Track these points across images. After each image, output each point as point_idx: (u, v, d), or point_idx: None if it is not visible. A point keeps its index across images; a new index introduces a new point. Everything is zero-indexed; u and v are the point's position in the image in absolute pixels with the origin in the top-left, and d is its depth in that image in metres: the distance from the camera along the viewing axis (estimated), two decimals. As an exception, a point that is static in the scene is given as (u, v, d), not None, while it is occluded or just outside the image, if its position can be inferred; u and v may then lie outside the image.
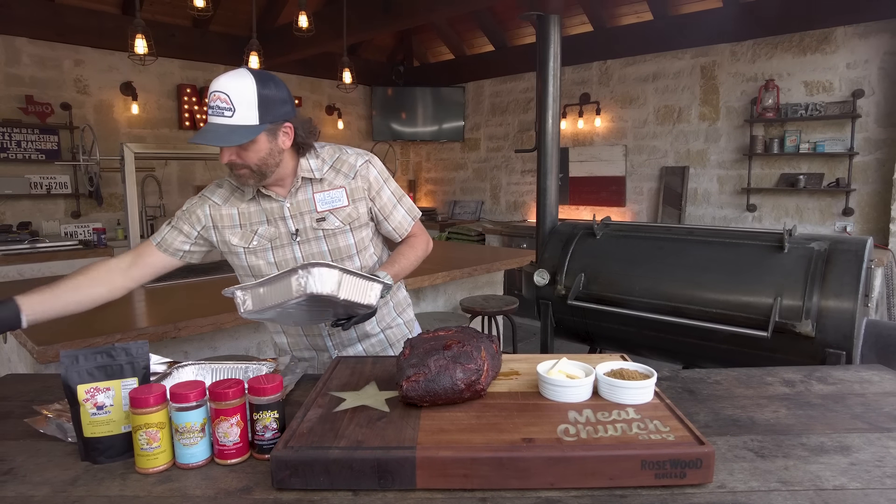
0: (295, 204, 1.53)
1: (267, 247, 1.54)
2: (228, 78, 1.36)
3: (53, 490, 0.97)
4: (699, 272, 2.33)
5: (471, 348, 1.18)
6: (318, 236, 1.54)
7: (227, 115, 1.34)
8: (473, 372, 1.14)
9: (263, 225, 1.53)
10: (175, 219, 1.58)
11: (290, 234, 1.53)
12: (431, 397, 1.11)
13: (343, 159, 1.58)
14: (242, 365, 1.42)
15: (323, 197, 1.53)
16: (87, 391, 1.06)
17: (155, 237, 1.57)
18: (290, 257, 1.54)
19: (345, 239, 1.56)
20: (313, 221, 1.53)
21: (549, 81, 3.20)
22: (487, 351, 1.22)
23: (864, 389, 1.38)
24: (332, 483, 0.95)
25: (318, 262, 1.25)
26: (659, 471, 0.94)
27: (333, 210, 1.53)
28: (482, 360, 1.16)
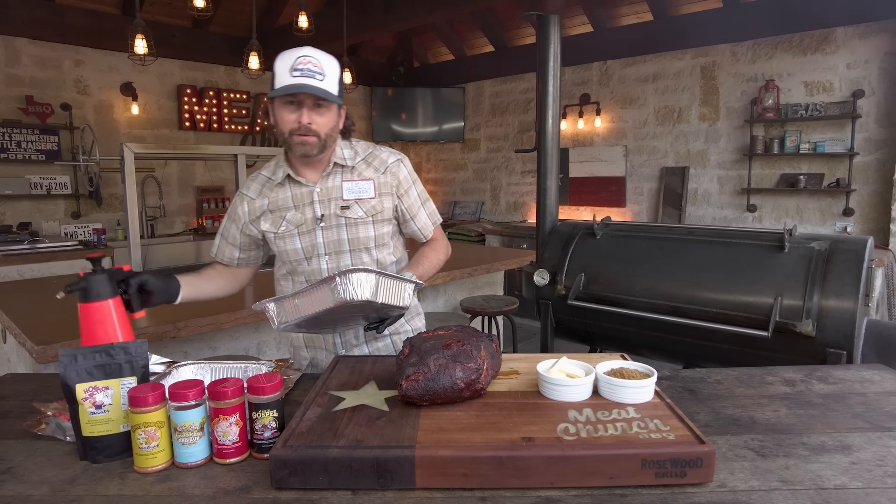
0: (324, 189, 1.56)
1: (294, 232, 1.57)
2: (315, 49, 1.44)
3: (52, 489, 0.97)
4: (699, 272, 2.33)
5: (470, 347, 1.17)
6: (341, 224, 1.56)
7: (318, 79, 1.40)
8: (473, 371, 1.13)
9: (291, 211, 1.57)
10: (222, 226, 1.69)
11: (316, 218, 1.56)
12: (431, 396, 1.11)
13: (375, 154, 1.63)
14: (242, 364, 1.42)
15: (350, 186, 1.56)
16: (86, 390, 1.06)
17: (212, 249, 1.72)
18: (314, 242, 1.57)
19: (365, 230, 1.58)
20: (338, 208, 1.56)
21: (549, 82, 3.20)
22: (487, 350, 1.22)
23: (865, 389, 1.38)
24: (331, 482, 0.94)
25: (353, 268, 1.26)
26: (659, 470, 0.94)
27: (359, 200, 1.56)
28: (482, 360, 1.16)
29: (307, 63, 1.39)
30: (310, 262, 1.59)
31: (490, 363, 1.20)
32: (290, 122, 1.44)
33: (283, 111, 1.45)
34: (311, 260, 1.58)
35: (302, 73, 1.39)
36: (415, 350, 1.18)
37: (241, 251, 1.67)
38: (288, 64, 1.40)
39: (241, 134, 6.66)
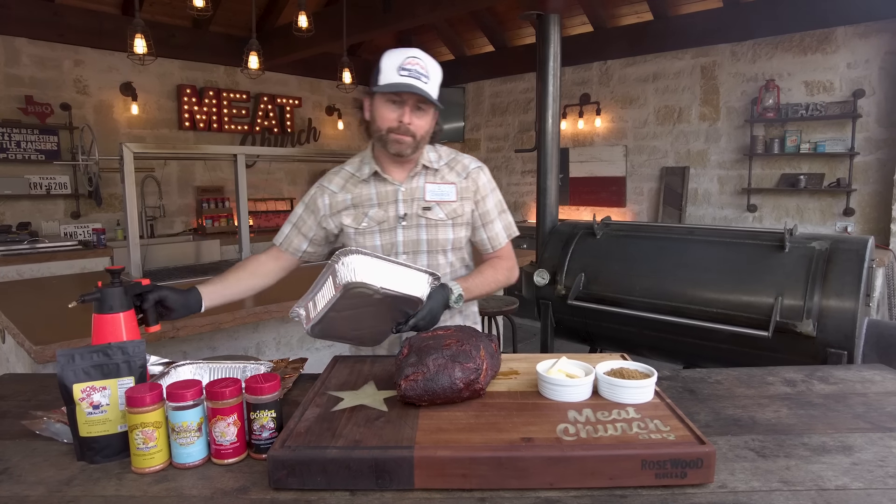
0: (409, 189, 1.58)
1: (375, 229, 1.58)
2: (419, 51, 1.46)
3: (49, 490, 0.96)
4: (700, 272, 2.33)
5: (470, 347, 1.17)
6: (421, 224, 1.57)
7: (423, 80, 1.43)
8: (472, 371, 1.13)
9: (374, 208, 1.58)
10: (296, 216, 1.68)
11: (398, 217, 1.57)
12: (430, 396, 1.10)
13: (458, 160, 1.66)
14: (240, 364, 1.41)
15: (433, 188, 1.58)
16: (83, 390, 1.05)
17: (277, 238, 1.70)
18: (394, 240, 1.58)
19: (444, 232, 1.59)
20: (420, 209, 1.57)
21: (549, 81, 3.20)
22: (486, 350, 1.21)
23: (866, 389, 1.37)
24: (329, 483, 0.94)
25: (352, 249, 1.26)
26: (659, 471, 0.93)
27: (440, 202, 1.58)
28: (481, 360, 1.16)
29: (415, 64, 1.42)
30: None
31: (489, 363, 1.20)
32: (389, 119, 1.47)
33: (385, 108, 1.47)
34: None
35: (409, 73, 1.41)
36: (414, 350, 1.18)
37: (312, 245, 1.67)
38: (396, 62, 1.42)
39: (241, 134, 6.65)
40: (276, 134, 6.94)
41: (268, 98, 6.79)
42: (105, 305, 1.26)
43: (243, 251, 3.61)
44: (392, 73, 1.42)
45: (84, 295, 1.26)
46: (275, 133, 6.93)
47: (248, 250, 3.64)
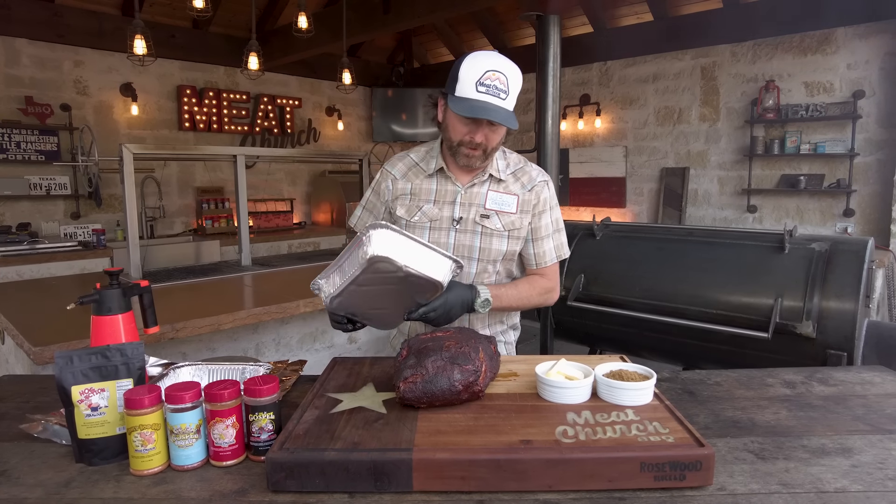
0: (468, 194, 1.54)
1: (426, 225, 1.54)
2: (504, 60, 1.38)
3: (47, 492, 0.96)
4: (699, 273, 2.33)
5: (469, 349, 1.16)
6: (476, 231, 1.53)
7: (502, 98, 1.36)
8: (471, 373, 1.13)
9: (430, 204, 1.55)
10: (366, 199, 1.67)
11: (453, 219, 1.53)
12: (429, 399, 1.10)
13: (525, 170, 1.60)
14: (239, 366, 1.41)
15: (495, 197, 1.54)
16: (82, 392, 1.05)
17: (351, 219, 1.70)
18: (443, 241, 1.53)
19: (499, 243, 1.54)
20: (477, 215, 1.53)
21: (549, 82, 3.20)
22: (485, 352, 1.21)
23: (866, 391, 1.37)
24: (327, 485, 0.94)
25: (382, 224, 1.24)
26: (658, 473, 0.93)
27: (500, 212, 1.54)
28: (480, 362, 1.15)
29: (495, 79, 1.34)
30: None
31: (488, 365, 1.20)
32: (461, 133, 1.42)
33: (458, 121, 1.42)
34: None
35: (488, 90, 1.34)
36: (412, 352, 1.18)
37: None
38: (475, 75, 1.35)
39: (241, 134, 6.65)
40: (276, 135, 6.93)
41: (268, 99, 6.79)
42: (103, 307, 1.26)
43: (243, 252, 3.61)
44: (469, 86, 1.35)
45: (82, 297, 1.26)
46: (275, 134, 6.93)
47: (248, 251, 3.64)
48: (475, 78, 1.35)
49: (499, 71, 1.36)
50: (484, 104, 1.35)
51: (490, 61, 1.36)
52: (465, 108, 1.35)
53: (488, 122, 1.39)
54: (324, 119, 7.45)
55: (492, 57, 1.38)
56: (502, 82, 1.36)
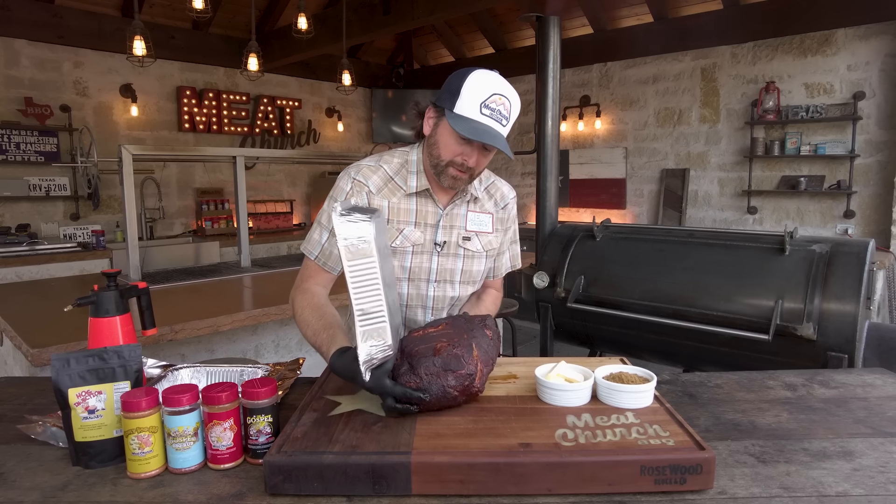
0: (450, 216, 1.48)
1: (408, 250, 1.44)
2: (508, 86, 1.33)
3: (43, 495, 0.95)
4: (700, 275, 2.32)
5: (462, 351, 1.13)
6: (459, 254, 1.49)
7: (503, 124, 1.31)
8: (465, 378, 1.11)
9: (410, 226, 1.44)
10: (330, 221, 1.40)
11: (435, 243, 1.46)
12: (426, 406, 1.09)
13: (497, 186, 1.58)
14: (238, 368, 1.40)
15: (474, 217, 1.50)
16: (79, 395, 1.05)
17: (310, 249, 1.45)
18: (425, 266, 1.46)
19: (479, 264, 1.52)
20: (459, 238, 1.48)
21: (549, 83, 3.19)
22: (480, 347, 1.17)
23: (867, 393, 1.36)
24: (326, 489, 0.93)
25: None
26: (658, 476, 0.93)
27: (479, 233, 1.51)
28: (474, 362, 1.13)
29: (500, 104, 1.29)
30: (413, 284, 1.47)
31: (484, 361, 1.17)
32: (454, 153, 1.34)
33: (451, 140, 1.33)
34: (415, 283, 1.47)
35: (492, 114, 1.29)
36: (405, 357, 1.15)
37: None
38: (481, 96, 1.29)
39: (241, 135, 6.65)
40: (276, 136, 6.93)
41: (268, 100, 6.79)
42: (101, 309, 1.25)
43: (242, 253, 3.61)
44: (473, 107, 1.28)
45: (80, 299, 1.25)
46: (275, 135, 6.92)
47: (248, 252, 3.64)
48: (480, 99, 1.29)
49: (504, 96, 1.31)
50: (487, 128, 1.29)
51: (497, 84, 1.31)
52: (468, 130, 1.28)
53: (482, 147, 1.33)
54: (324, 120, 7.45)
55: (498, 79, 1.33)
56: (506, 108, 1.31)
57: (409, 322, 1.52)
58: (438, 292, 1.50)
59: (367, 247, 1.03)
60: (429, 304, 1.50)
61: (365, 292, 1.05)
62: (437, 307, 1.51)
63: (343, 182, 1.45)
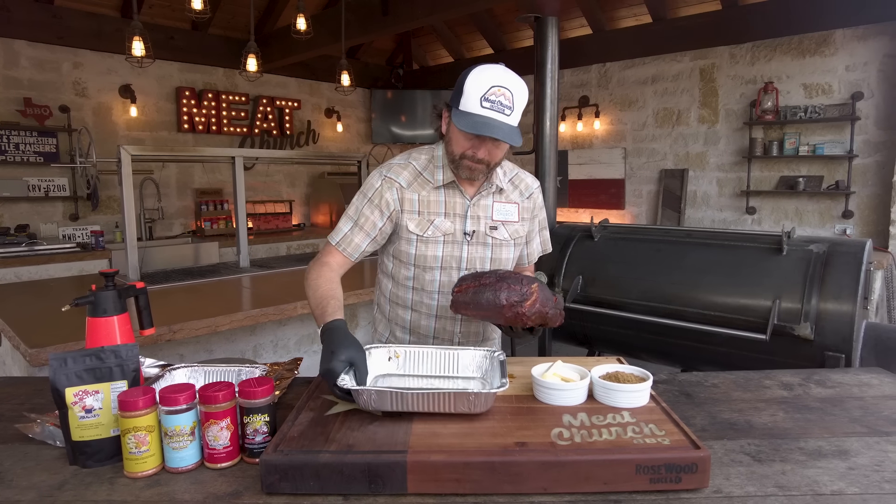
0: (477, 206, 1.53)
1: (440, 239, 1.51)
2: (511, 76, 1.35)
3: (40, 495, 0.96)
4: (698, 275, 2.32)
5: (525, 280, 1.27)
6: (487, 243, 1.55)
7: (506, 114, 1.33)
8: (518, 294, 1.22)
9: (440, 217, 1.51)
10: (357, 211, 1.51)
11: (465, 233, 1.52)
12: (475, 307, 1.22)
13: (521, 178, 1.63)
14: (235, 368, 1.40)
15: (500, 207, 1.56)
16: (76, 394, 1.05)
17: (333, 236, 1.53)
18: (457, 255, 1.53)
19: (507, 252, 1.58)
20: (487, 227, 1.54)
21: (547, 83, 3.20)
22: (542, 291, 1.27)
23: (863, 393, 1.37)
24: (322, 488, 0.93)
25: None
26: (654, 475, 0.93)
27: (505, 222, 1.56)
28: (531, 290, 1.23)
29: (500, 95, 1.32)
30: (445, 272, 1.53)
31: (541, 297, 1.26)
32: (464, 147, 1.40)
33: (461, 136, 1.39)
34: (447, 270, 1.53)
35: (492, 105, 1.32)
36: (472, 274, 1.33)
37: (372, 244, 1.53)
38: (481, 90, 1.32)
39: (240, 136, 6.65)
40: (275, 136, 6.93)
41: (267, 100, 6.79)
42: (99, 309, 1.25)
43: (241, 253, 3.61)
44: (474, 102, 1.32)
45: (77, 299, 1.25)
46: (274, 135, 6.92)
47: (247, 253, 3.64)
48: (480, 93, 1.32)
49: (504, 87, 1.33)
50: (487, 120, 1.32)
51: (496, 76, 1.34)
52: (468, 124, 1.33)
53: (492, 138, 1.37)
54: (323, 121, 7.45)
55: (498, 71, 1.35)
56: (507, 98, 1.33)
57: (440, 309, 1.57)
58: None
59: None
60: None
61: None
62: None
63: (374, 179, 1.53)
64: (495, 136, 1.32)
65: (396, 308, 1.64)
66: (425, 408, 1.08)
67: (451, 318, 1.57)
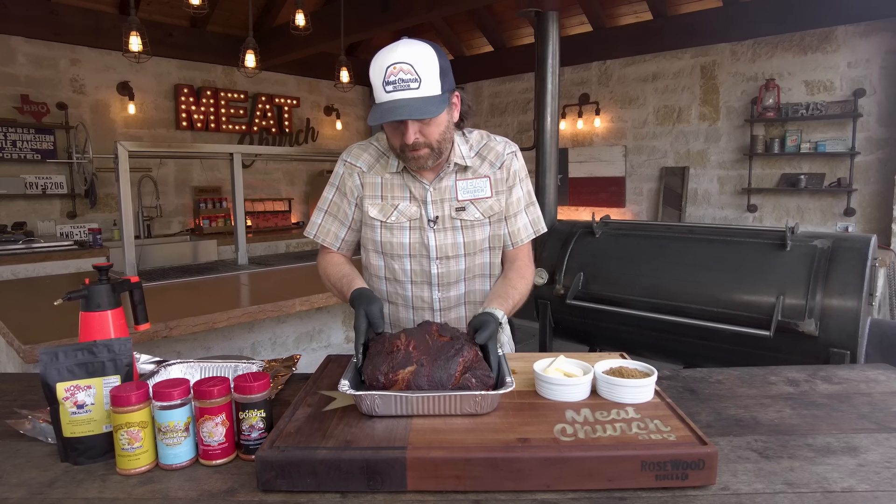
0: (438, 189, 1.44)
1: (405, 225, 1.45)
2: (406, 47, 1.25)
3: (30, 492, 0.93)
4: (700, 271, 2.30)
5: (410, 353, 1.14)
6: (455, 226, 1.45)
7: (413, 88, 1.23)
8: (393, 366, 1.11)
9: (405, 201, 1.44)
10: (326, 202, 1.52)
11: (429, 219, 1.44)
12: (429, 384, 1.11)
13: (490, 146, 1.49)
14: (231, 364, 1.38)
15: (466, 185, 1.45)
16: (67, 389, 1.02)
17: (309, 229, 1.56)
18: (425, 242, 1.45)
19: (481, 232, 1.47)
20: (452, 210, 1.44)
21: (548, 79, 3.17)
22: (426, 362, 1.12)
23: (871, 389, 1.34)
24: (319, 485, 0.91)
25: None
26: (659, 472, 0.91)
27: (475, 200, 1.45)
28: (408, 353, 1.13)
29: (398, 72, 1.22)
30: (416, 260, 1.46)
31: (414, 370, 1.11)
32: (394, 138, 1.33)
33: (388, 129, 1.33)
34: (417, 258, 1.46)
35: (395, 86, 1.23)
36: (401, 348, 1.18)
37: (350, 231, 1.51)
38: (379, 77, 1.24)
39: (239, 134, 6.63)
40: (274, 134, 6.91)
41: (266, 98, 6.77)
42: (92, 303, 1.23)
43: (239, 251, 3.59)
44: (379, 89, 1.25)
45: (70, 292, 1.23)
46: (273, 133, 6.90)
47: (245, 250, 3.61)
48: (380, 79, 1.25)
49: (401, 62, 1.23)
50: (392, 104, 1.24)
51: (390, 56, 1.24)
52: (375, 117, 1.25)
53: (415, 120, 1.28)
54: (322, 118, 7.42)
55: (393, 50, 1.25)
56: (408, 72, 1.23)
57: (416, 300, 1.49)
58: (442, 269, 1.46)
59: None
60: (434, 282, 1.47)
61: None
62: (443, 283, 1.47)
63: (338, 166, 1.52)
64: (400, 118, 1.23)
65: None
66: (432, 410, 1.06)
67: (428, 308, 1.50)
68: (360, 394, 1.05)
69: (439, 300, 1.48)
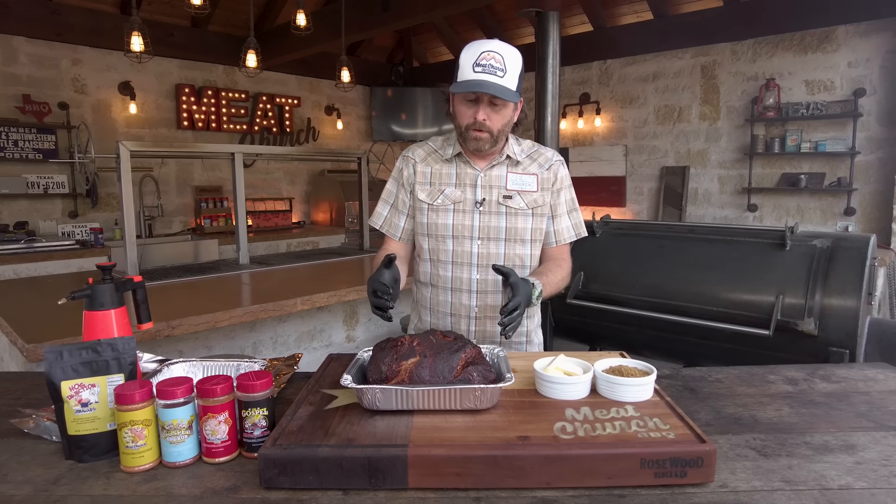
0: (488, 176, 1.58)
1: (449, 208, 1.58)
2: (500, 43, 1.45)
3: (35, 489, 0.94)
4: (700, 270, 2.31)
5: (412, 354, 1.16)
6: (500, 212, 1.58)
7: (499, 75, 1.41)
8: (393, 362, 1.14)
9: (451, 187, 1.59)
10: (389, 194, 1.68)
11: (475, 202, 1.57)
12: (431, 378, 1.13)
13: (540, 152, 1.67)
14: (234, 362, 1.39)
15: (515, 178, 1.59)
16: (72, 388, 1.04)
17: (375, 220, 1.70)
18: (468, 223, 1.58)
19: (524, 222, 1.59)
20: (500, 196, 1.58)
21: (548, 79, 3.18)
22: (425, 365, 1.13)
23: (869, 388, 1.35)
24: (321, 482, 0.92)
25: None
26: (659, 470, 0.92)
27: (522, 192, 1.59)
28: (406, 361, 1.15)
29: (490, 59, 1.41)
30: (458, 241, 1.59)
31: (416, 372, 1.12)
32: (466, 116, 1.48)
33: (462, 105, 1.49)
34: (459, 240, 1.59)
35: (484, 69, 1.40)
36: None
37: (409, 219, 1.66)
38: (472, 58, 1.42)
39: (240, 133, 6.63)
40: (275, 134, 6.91)
41: (267, 98, 6.77)
42: (96, 302, 1.24)
43: (241, 250, 3.59)
44: (468, 69, 1.42)
45: (74, 292, 1.24)
46: (274, 133, 6.90)
47: (246, 250, 3.62)
48: (472, 60, 1.42)
49: (493, 51, 1.42)
50: (480, 81, 1.40)
51: (486, 44, 1.43)
52: (462, 86, 1.42)
53: (490, 102, 1.44)
54: (323, 118, 7.43)
55: (489, 41, 1.44)
56: (498, 61, 1.41)
57: (455, 280, 1.61)
58: (482, 249, 1.58)
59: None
60: (474, 262, 1.59)
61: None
62: (481, 264, 1.59)
63: (399, 161, 1.69)
64: (485, 91, 1.39)
65: (421, 288, 1.71)
66: (432, 405, 1.07)
67: (466, 290, 1.61)
68: (361, 387, 1.06)
69: (477, 281, 1.59)
